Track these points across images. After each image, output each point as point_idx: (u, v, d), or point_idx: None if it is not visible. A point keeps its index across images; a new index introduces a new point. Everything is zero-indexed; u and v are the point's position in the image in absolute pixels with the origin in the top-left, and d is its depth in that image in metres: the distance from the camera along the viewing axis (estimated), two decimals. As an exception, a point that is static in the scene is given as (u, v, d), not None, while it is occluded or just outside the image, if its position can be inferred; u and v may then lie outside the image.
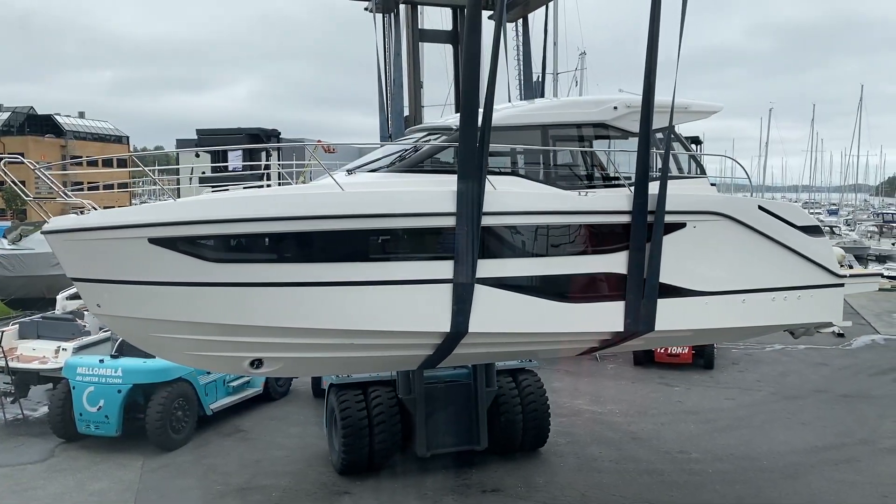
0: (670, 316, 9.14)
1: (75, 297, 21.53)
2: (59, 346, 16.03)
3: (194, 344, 8.63)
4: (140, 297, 8.26)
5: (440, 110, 14.16)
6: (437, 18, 13.04)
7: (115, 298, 8.43)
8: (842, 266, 11.41)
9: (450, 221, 8.24)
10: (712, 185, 10.27)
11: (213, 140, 26.55)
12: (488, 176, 8.35)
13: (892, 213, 77.00)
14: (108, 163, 58.35)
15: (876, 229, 60.19)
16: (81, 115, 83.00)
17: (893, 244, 51.80)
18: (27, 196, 8.18)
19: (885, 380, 19.56)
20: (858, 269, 12.38)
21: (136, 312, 8.41)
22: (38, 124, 73.77)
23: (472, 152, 8.22)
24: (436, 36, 13.12)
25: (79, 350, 15.85)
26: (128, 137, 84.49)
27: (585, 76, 45.19)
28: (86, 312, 20.09)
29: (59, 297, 21.68)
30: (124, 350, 14.34)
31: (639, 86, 9.22)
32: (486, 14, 12.55)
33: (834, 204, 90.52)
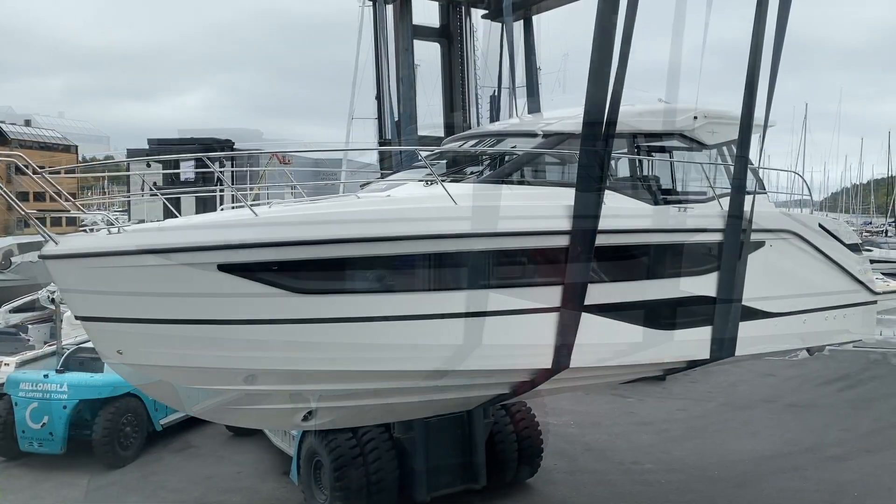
0: (747, 340, 8.55)
1: (19, 309, 20.92)
2: (0, 361, 15.53)
3: (248, 397, 7.23)
4: (191, 339, 6.64)
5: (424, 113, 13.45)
6: (420, 14, 11.92)
7: (148, 342, 6.69)
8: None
9: (560, 241, 7.30)
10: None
11: (164, 149, 26.17)
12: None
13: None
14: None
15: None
16: (28, 123, 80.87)
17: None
18: (24, 211, 6.49)
19: (830, 389, 20.08)
20: (891, 286, 12.45)
21: (179, 361, 6.75)
22: (-19, 132, 71.47)
23: (595, 161, 7.31)
24: (427, 32, 12.07)
25: (22, 364, 15.40)
26: (76, 146, 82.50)
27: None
28: (30, 326, 19.54)
29: (2, 310, 21.05)
30: (70, 365, 13.95)
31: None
32: (478, 13, 12.02)
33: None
